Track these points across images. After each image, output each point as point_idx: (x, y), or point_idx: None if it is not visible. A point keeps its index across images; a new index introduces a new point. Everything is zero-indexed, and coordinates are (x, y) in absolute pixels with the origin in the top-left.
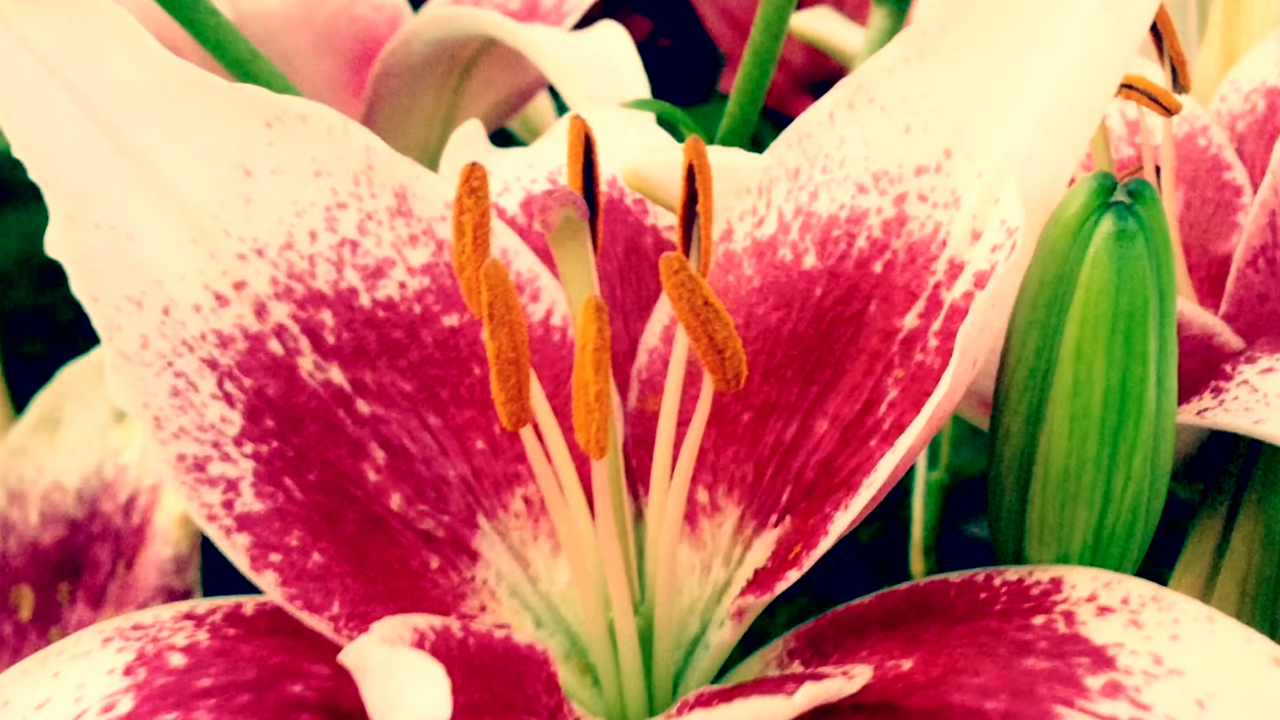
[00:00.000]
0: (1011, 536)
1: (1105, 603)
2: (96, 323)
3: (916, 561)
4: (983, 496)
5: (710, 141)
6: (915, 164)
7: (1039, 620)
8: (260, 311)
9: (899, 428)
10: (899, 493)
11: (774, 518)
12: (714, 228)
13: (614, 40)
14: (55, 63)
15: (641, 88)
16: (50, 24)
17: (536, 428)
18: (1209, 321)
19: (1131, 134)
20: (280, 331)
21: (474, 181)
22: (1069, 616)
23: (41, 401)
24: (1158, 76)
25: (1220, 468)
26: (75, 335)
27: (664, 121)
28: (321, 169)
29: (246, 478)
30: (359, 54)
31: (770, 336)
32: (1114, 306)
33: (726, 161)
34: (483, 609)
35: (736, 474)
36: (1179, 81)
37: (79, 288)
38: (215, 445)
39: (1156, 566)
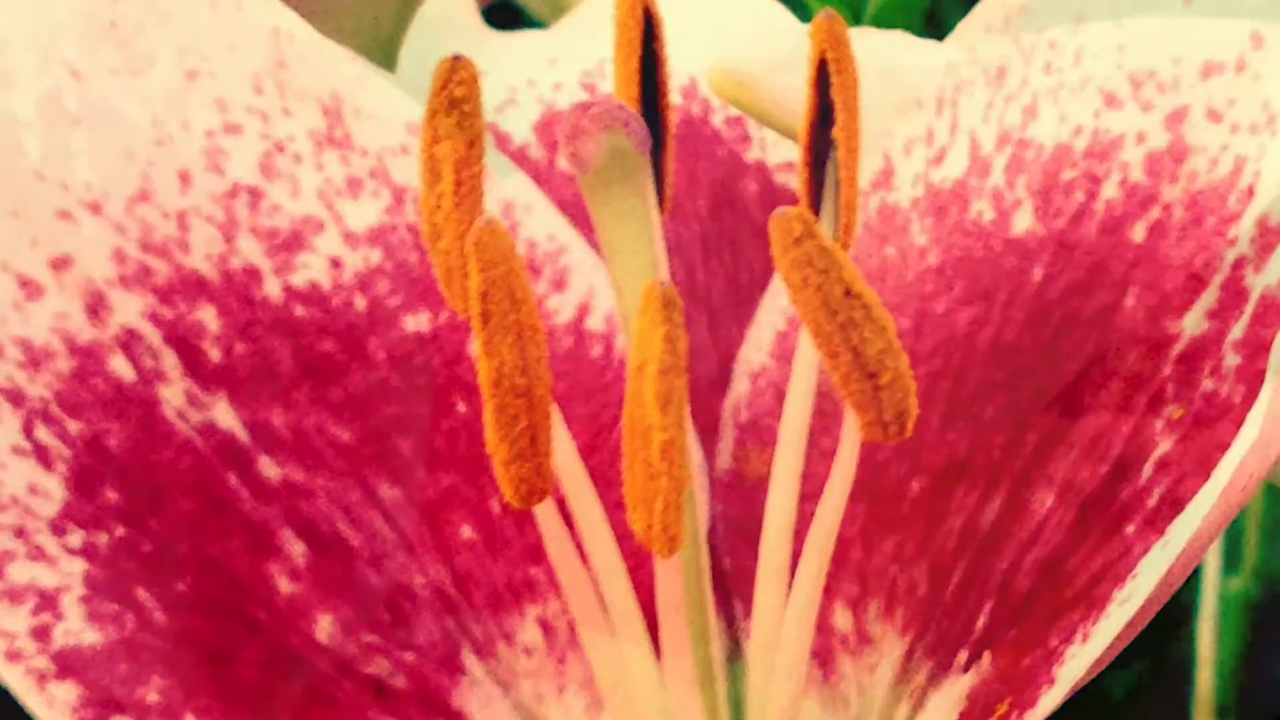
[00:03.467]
0: None
1: None
2: None
3: None
4: None
5: (856, 21)
6: (1201, 59)
7: None
8: (96, 308)
9: (1174, 504)
10: (1175, 613)
11: (964, 655)
12: (863, 166)
13: None
14: None
15: None
16: None
17: (562, 504)
18: None
19: None
20: (129, 342)
21: (457, 89)
22: None
23: None
24: None
25: None
26: None
27: None
28: (198, 67)
29: (73, 589)
30: None
31: (957, 350)
32: None
33: (884, 56)
34: None
35: (900, 582)
36: None
37: None
38: (20, 534)
39: None
